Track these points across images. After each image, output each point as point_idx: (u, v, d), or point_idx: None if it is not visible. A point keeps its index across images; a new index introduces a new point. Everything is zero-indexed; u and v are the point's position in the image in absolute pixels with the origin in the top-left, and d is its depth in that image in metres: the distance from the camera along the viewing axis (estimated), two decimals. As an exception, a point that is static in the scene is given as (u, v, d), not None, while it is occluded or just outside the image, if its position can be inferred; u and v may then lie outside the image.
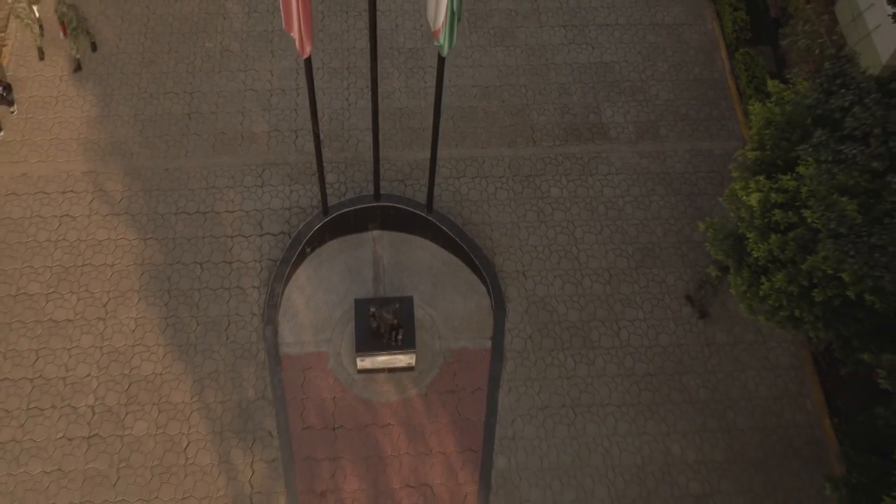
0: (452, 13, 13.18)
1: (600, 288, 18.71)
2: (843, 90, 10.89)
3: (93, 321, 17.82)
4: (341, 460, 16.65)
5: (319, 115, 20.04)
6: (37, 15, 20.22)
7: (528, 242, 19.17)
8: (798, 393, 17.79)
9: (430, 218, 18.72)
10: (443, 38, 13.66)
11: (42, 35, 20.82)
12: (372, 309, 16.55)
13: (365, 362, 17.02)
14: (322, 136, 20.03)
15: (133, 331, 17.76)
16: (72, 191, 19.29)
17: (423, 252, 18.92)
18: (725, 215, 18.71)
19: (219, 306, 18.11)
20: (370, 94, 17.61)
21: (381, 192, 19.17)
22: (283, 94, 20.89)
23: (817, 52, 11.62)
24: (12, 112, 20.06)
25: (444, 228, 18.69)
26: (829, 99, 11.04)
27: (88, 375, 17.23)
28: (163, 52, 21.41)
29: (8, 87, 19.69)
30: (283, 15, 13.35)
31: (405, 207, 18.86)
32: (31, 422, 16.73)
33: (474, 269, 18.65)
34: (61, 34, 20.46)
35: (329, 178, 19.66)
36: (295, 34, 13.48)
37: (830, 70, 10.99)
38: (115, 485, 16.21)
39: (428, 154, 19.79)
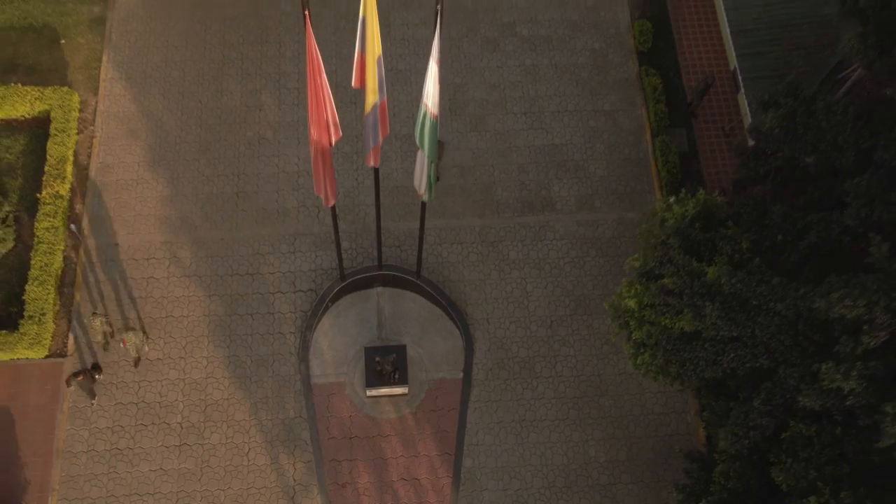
0: (430, 183, 19.74)
1: (543, 331, 25.58)
2: (668, 264, 17.62)
3: (176, 359, 24.81)
4: (356, 461, 23.81)
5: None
6: (101, 329, 23.93)
7: (491, 296, 25.97)
8: (682, 410, 24.82)
9: (418, 282, 25.51)
10: (426, 196, 20.24)
11: (106, 340, 24.57)
12: (377, 358, 23.51)
13: (372, 392, 24.04)
14: (337, 211, 26.63)
15: (205, 366, 24.75)
16: (154, 257, 26.05)
17: (414, 304, 25.75)
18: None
19: (266, 347, 25.06)
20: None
21: (383, 257, 25.86)
22: (307, 176, 27.43)
23: (652, 240, 18.19)
24: (93, 403, 24.00)
25: (429, 289, 25.50)
26: (661, 266, 17.77)
27: (176, 400, 24.31)
28: (215, 140, 27.87)
29: (95, 369, 23.48)
30: (314, 183, 19.82)
31: (401, 275, 25.63)
32: (138, 434, 23.88)
33: (451, 317, 25.48)
34: (122, 345, 24.05)
35: (344, 245, 26.35)
36: (322, 195, 20.00)
37: (661, 251, 17.68)
38: (200, 479, 23.45)
39: (418, 224, 26.39)
